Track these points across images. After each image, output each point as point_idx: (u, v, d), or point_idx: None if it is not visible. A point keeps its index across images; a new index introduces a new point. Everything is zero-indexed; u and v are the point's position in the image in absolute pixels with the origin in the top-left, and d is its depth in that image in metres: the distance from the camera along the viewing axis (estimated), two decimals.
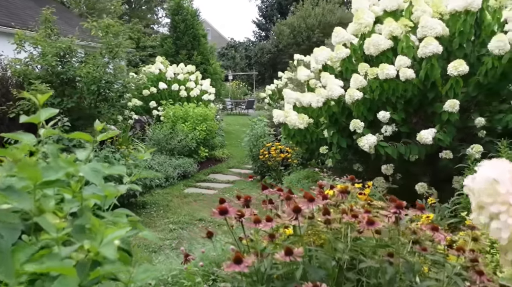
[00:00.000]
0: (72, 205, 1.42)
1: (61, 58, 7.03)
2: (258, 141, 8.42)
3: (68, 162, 1.45)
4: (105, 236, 1.13)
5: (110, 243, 1.10)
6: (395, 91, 4.36)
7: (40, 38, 6.95)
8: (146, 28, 28.88)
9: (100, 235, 1.13)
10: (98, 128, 1.55)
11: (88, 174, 1.39)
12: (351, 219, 2.02)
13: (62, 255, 1.13)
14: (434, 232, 1.83)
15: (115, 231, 1.14)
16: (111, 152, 6.51)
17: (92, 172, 1.41)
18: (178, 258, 3.51)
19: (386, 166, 4.78)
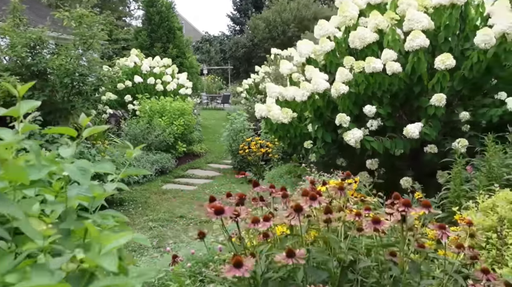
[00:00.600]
0: (55, 207, 1.27)
1: (31, 49, 6.68)
2: (237, 136, 8.29)
3: (50, 160, 1.31)
4: (104, 246, 0.98)
5: (110, 254, 0.95)
6: (381, 85, 4.31)
7: (8, 28, 6.58)
8: (118, 21, 28.17)
9: (97, 244, 0.98)
10: (83, 122, 1.41)
11: (74, 173, 1.25)
12: (354, 217, 1.93)
13: (50, 267, 0.98)
14: (442, 231, 1.76)
15: (114, 239, 1.00)
16: (86, 147, 6.25)
17: (79, 171, 1.28)
18: (162, 257, 3.36)
19: (371, 160, 4.75)
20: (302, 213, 1.82)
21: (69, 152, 1.39)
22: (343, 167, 5.25)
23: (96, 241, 0.97)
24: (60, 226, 1.25)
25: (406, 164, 4.92)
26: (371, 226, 1.76)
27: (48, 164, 1.30)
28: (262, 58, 22.76)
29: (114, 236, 0.97)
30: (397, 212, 1.77)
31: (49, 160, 1.33)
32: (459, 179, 3.59)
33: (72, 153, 1.36)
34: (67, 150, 1.43)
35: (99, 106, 9.66)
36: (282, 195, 2.15)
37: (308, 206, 1.83)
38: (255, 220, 1.87)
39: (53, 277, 0.93)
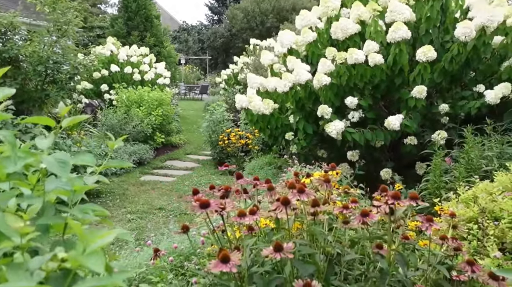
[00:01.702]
0: (32, 201, 1.20)
1: (2, 35, 6.40)
2: (217, 127, 8.21)
3: (26, 152, 1.23)
4: (89, 244, 0.92)
5: (97, 253, 0.89)
6: (363, 76, 4.31)
7: None
8: (93, 8, 27.49)
9: (82, 243, 0.92)
10: (62, 112, 1.33)
11: (53, 165, 1.18)
12: (342, 210, 1.91)
13: (30, 267, 0.91)
14: (429, 223, 1.75)
15: (100, 237, 0.94)
16: (62, 138, 6.07)
17: (58, 163, 1.21)
18: (142, 250, 3.29)
19: (352, 152, 4.76)
20: (289, 206, 1.79)
21: (47, 143, 1.32)
22: (323, 158, 5.26)
23: (80, 239, 0.90)
24: (37, 221, 1.19)
25: (386, 156, 4.96)
26: (360, 218, 1.74)
27: (24, 155, 1.23)
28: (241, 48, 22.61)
29: (100, 234, 0.90)
30: (385, 205, 1.75)
31: (25, 152, 1.26)
32: (439, 170, 3.63)
33: (49, 144, 1.29)
34: (44, 140, 1.36)
35: (74, 96, 9.41)
36: (268, 187, 2.11)
37: (295, 199, 1.80)
38: (241, 214, 1.82)
39: (32, 278, 0.87)
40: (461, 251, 1.90)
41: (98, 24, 22.47)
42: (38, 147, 1.33)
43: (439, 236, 1.90)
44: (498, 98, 4.01)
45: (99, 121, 8.77)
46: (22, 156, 1.23)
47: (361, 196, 3.50)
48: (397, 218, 1.85)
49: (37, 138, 1.33)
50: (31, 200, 1.22)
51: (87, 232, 0.95)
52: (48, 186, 1.23)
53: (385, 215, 1.85)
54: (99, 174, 1.41)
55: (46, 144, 1.32)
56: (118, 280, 0.93)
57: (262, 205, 2.38)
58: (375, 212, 1.95)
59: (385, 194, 1.96)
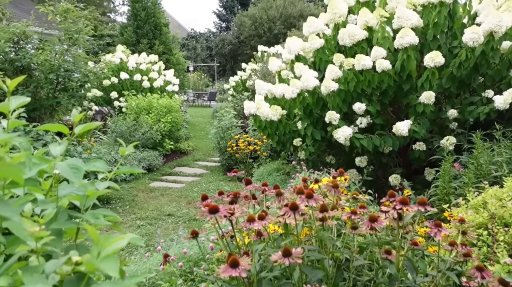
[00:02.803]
0: (45, 206, 1.23)
1: (15, 44, 6.52)
2: (225, 134, 8.24)
3: (40, 158, 1.26)
4: (104, 248, 0.94)
5: (112, 257, 0.91)
6: (370, 82, 4.32)
7: None
8: (103, 16, 27.82)
9: (97, 247, 0.94)
10: (75, 119, 1.37)
11: (66, 171, 1.21)
12: (350, 215, 1.92)
13: (45, 271, 0.94)
14: (438, 229, 1.76)
15: (114, 242, 0.96)
16: (72, 144, 6.14)
17: (71, 169, 1.23)
18: (152, 256, 3.31)
19: (360, 158, 4.76)
20: (298, 212, 1.80)
21: (60, 149, 1.35)
22: (331, 164, 5.26)
23: (95, 244, 0.93)
24: (51, 226, 1.22)
25: (394, 161, 4.95)
26: (368, 224, 1.75)
27: (39, 161, 1.27)
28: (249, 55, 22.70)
29: (114, 239, 0.93)
30: (393, 210, 1.76)
31: (39, 158, 1.29)
32: (448, 176, 3.61)
33: (62, 151, 1.32)
34: (57, 147, 1.39)
35: (84, 103, 9.51)
36: (276, 193, 2.13)
37: (304, 205, 1.81)
38: (250, 219, 1.84)
39: (47, 281, 0.90)
40: (471, 257, 1.90)
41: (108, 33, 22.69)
42: (52, 153, 1.36)
43: (449, 242, 1.90)
44: (507, 103, 3.99)
45: (109, 129, 8.86)
46: (36, 162, 1.26)
47: (370, 202, 3.50)
48: (406, 223, 1.86)
49: (51, 145, 1.36)
50: (45, 205, 1.25)
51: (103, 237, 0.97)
52: (62, 191, 1.26)
53: (394, 220, 1.86)
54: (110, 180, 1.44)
55: (59, 150, 1.35)
56: (130, 284, 0.95)
57: (270, 210, 2.40)
58: (383, 217, 1.96)
59: (394, 200, 1.97)
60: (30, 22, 6.72)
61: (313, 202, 1.77)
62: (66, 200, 1.30)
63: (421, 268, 1.81)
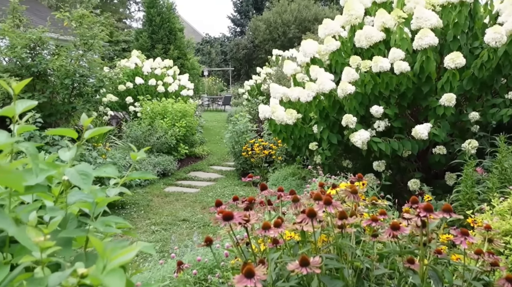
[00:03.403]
0: (54, 213, 1.18)
1: (31, 50, 6.59)
2: (240, 138, 8.19)
3: (49, 164, 1.21)
4: (110, 261, 0.88)
5: (117, 271, 0.85)
6: (388, 85, 4.22)
7: (7, 28, 6.48)
8: (119, 23, 28.16)
9: (103, 259, 0.88)
10: (84, 123, 1.32)
11: (75, 178, 1.17)
12: (370, 223, 1.83)
13: (49, 284, 0.88)
14: (464, 236, 1.66)
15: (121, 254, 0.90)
16: (87, 149, 6.15)
17: (80, 175, 1.20)
18: (166, 263, 3.26)
19: (378, 162, 4.64)
20: (315, 219, 1.73)
21: (69, 155, 1.31)
22: (348, 169, 5.16)
23: (101, 256, 0.87)
24: (59, 234, 1.17)
25: (413, 166, 4.83)
26: (390, 232, 1.66)
27: (47, 167, 1.22)
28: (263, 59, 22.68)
29: (121, 251, 0.87)
30: (417, 217, 1.67)
31: (48, 164, 1.25)
32: (471, 180, 3.48)
33: (72, 156, 1.28)
34: (67, 153, 1.35)
35: (100, 108, 9.58)
36: (292, 199, 2.05)
37: (322, 211, 1.73)
38: (266, 226, 1.77)
39: None
40: (498, 266, 1.79)
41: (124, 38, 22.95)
42: (61, 158, 1.32)
43: (475, 250, 1.80)
44: None
45: (124, 133, 8.89)
46: (45, 168, 1.21)
47: (389, 207, 3.39)
48: (430, 231, 1.76)
49: (60, 151, 1.32)
50: (53, 212, 1.20)
51: (109, 246, 0.91)
52: (71, 198, 1.21)
53: (417, 228, 1.77)
54: (123, 185, 1.39)
55: (69, 155, 1.31)
56: None
57: (286, 216, 2.32)
58: (405, 224, 1.87)
59: (416, 206, 1.88)
60: (46, 28, 6.78)
61: (332, 208, 1.69)
62: (76, 207, 1.26)
63: (447, 278, 1.71)
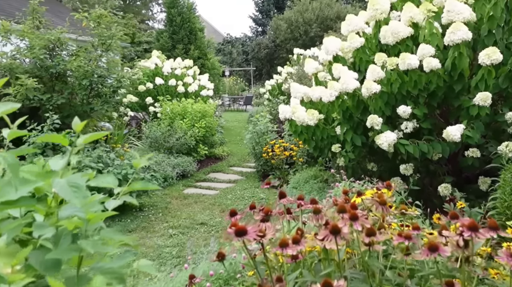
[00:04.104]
0: (41, 231, 1.03)
1: (50, 51, 6.56)
2: (260, 139, 8.00)
3: (37, 174, 1.04)
4: None
5: None
6: (417, 83, 3.95)
7: (27, 30, 6.47)
8: (141, 24, 28.40)
9: None
10: (77, 128, 1.16)
11: (64, 190, 1.01)
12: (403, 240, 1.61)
13: None
14: None
15: None
16: (105, 151, 6.07)
17: (70, 187, 1.03)
18: (182, 272, 3.10)
19: (405, 165, 4.38)
20: (340, 236, 1.52)
21: (61, 163, 1.15)
22: (373, 172, 4.91)
23: None
24: (47, 255, 1.01)
25: (442, 169, 4.54)
26: (427, 253, 1.44)
27: (34, 179, 1.06)
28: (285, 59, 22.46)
29: None
30: (459, 237, 1.45)
31: (37, 174, 1.09)
32: (509, 187, 3.20)
33: (64, 165, 1.12)
34: (59, 161, 1.19)
35: (120, 109, 9.54)
36: (314, 210, 1.84)
37: (347, 228, 1.53)
38: (283, 244, 1.57)
39: None
40: None
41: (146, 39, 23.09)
42: (52, 168, 1.17)
43: None
44: None
45: (144, 134, 8.82)
46: (32, 180, 1.07)
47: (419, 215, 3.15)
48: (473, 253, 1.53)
49: (51, 159, 1.19)
50: (41, 230, 1.05)
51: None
52: (63, 212, 1.04)
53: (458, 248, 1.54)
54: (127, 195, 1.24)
55: (60, 164, 1.16)
56: None
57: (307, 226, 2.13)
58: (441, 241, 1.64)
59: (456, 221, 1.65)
60: (65, 29, 6.75)
61: (359, 225, 1.48)
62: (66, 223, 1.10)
63: None
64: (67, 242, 1.08)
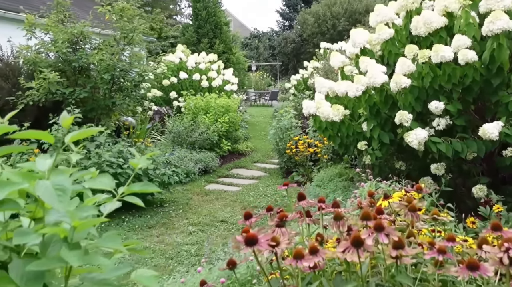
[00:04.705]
0: (24, 239, 0.91)
1: (73, 44, 6.55)
2: (284, 135, 7.81)
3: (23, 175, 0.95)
4: None
5: None
6: (451, 77, 3.68)
7: (51, 23, 6.48)
8: (169, 19, 28.54)
9: None
10: (64, 124, 1.03)
11: (47, 193, 0.89)
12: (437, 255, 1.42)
13: None
14: None
15: None
16: (127, 146, 6.02)
17: (56, 191, 0.91)
18: (194, 277, 2.97)
19: (436, 165, 4.11)
20: (363, 249, 1.34)
21: (48, 163, 1.02)
22: (401, 171, 4.66)
23: None
24: (27, 267, 0.89)
25: (477, 169, 4.25)
26: (466, 272, 1.24)
27: (19, 180, 0.94)
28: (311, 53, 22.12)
29: None
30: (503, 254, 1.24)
31: (23, 174, 0.97)
32: None
33: (50, 165, 0.99)
34: (46, 160, 1.06)
35: (145, 103, 9.52)
36: (335, 216, 1.66)
37: (372, 239, 1.34)
38: (298, 255, 1.40)
39: None
40: None
41: (172, 34, 23.18)
42: (38, 168, 1.05)
43: None
44: None
45: (167, 129, 8.77)
46: (16, 181, 0.94)
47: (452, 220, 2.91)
48: None
49: (38, 159, 1.08)
50: (23, 237, 0.92)
51: None
52: (49, 217, 0.93)
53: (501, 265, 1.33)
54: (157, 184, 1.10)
55: (47, 165, 1.03)
56: None
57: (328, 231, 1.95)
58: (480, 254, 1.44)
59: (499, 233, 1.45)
60: (88, 23, 6.72)
61: (385, 237, 1.30)
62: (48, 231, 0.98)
63: None
64: (56, 250, 0.96)
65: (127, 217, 5.52)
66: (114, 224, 5.29)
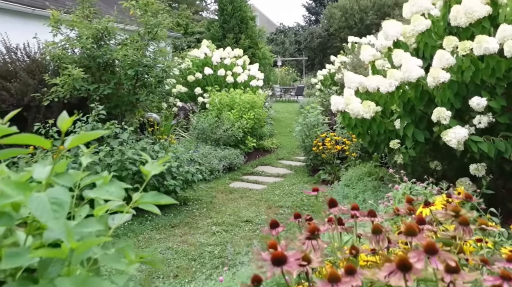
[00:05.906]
0: (17, 261, 0.78)
1: (98, 40, 6.51)
2: (311, 132, 7.58)
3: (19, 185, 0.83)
4: None
5: None
6: (495, 71, 3.40)
7: (76, 19, 6.45)
8: (195, 15, 28.56)
9: None
10: (62, 126, 0.89)
11: (40, 207, 0.78)
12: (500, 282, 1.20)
13: None
14: None
15: None
16: (151, 143, 5.92)
17: (51, 205, 0.79)
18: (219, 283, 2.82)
19: (476, 165, 3.83)
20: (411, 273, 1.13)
21: (46, 172, 0.94)
22: (436, 171, 4.39)
23: None
24: None
25: None
26: None
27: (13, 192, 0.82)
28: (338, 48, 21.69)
29: None
30: None
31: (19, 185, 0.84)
32: None
33: (48, 173, 0.88)
34: (44, 168, 0.94)
35: (170, 99, 9.45)
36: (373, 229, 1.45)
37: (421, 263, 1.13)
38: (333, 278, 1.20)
39: None
40: None
41: (198, 30, 23.16)
42: (35, 177, 0.92)
43: None
44: None
45: (191, 125, 8.66)
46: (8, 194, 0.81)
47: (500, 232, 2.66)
48: None
49: (36, 166, 0.94)
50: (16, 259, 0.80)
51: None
52: (48, 233, 0.83)
53: None
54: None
55: (45, 173, 0.90)
56: None
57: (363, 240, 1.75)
58: None
59: None
60: (113, 18, 6.66)
61: (438, 263, 1.09)
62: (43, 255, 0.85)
63: None
64: (56, 271, 0.84)
65: (150, 215, 5.43)
66: (138, 222, 5.21)
